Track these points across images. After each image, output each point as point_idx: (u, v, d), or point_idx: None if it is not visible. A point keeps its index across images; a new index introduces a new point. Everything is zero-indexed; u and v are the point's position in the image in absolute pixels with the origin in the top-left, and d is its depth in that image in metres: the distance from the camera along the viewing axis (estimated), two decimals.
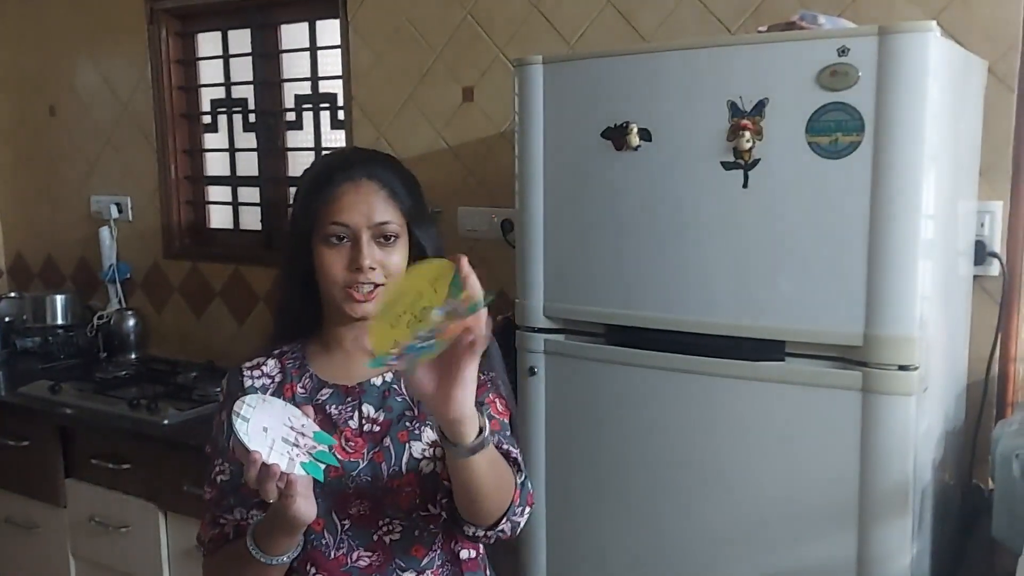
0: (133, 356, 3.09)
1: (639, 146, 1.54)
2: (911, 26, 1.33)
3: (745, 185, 1.45)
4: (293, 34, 2.88)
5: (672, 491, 1.58)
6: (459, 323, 0.95)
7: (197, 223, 3.16)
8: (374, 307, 1.16)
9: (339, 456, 1.17)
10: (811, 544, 1.46)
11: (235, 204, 3.08)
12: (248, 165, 3.03)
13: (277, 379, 1.27)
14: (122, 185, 3.20)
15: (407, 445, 1.22)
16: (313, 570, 1.21)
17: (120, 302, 3.20)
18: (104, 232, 3.18)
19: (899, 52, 1.32)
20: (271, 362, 1.29)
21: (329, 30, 2.74)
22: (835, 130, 1.38)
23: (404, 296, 1.00)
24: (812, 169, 1.40)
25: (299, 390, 1.26)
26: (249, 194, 3.03)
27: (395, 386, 1.25)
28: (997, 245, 1.78)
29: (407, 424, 1.23)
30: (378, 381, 1.26)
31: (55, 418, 2.56)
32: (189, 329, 3.11)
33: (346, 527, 1.21)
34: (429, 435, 1.22)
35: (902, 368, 1.37)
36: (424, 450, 1.22)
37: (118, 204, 3.19)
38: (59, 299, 3.26)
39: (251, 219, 3.05)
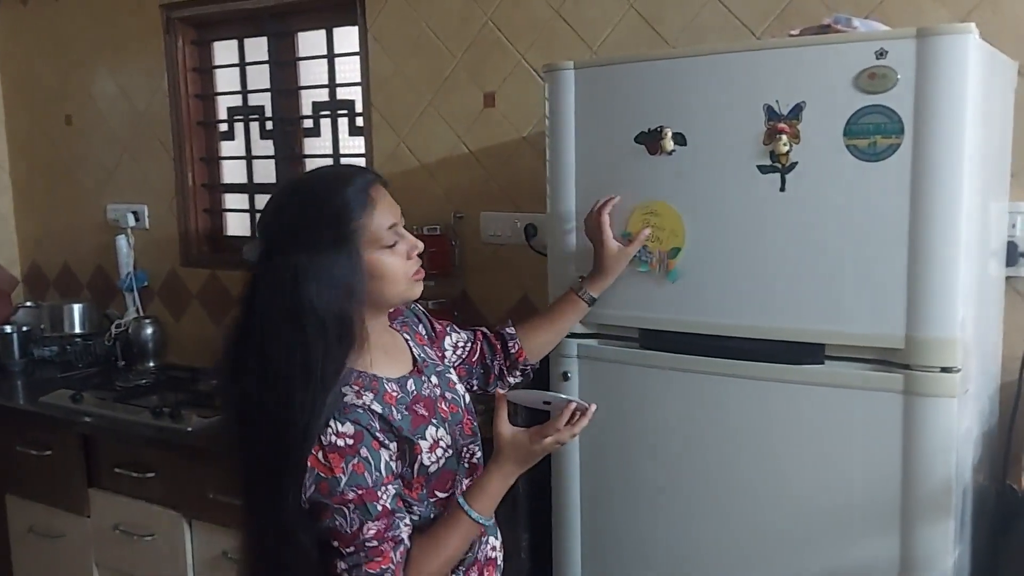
0: (152, 364, 3.09)
1: (673, 150, 1.55)
2: (950, 28, 1.33)
3: (782, 188, 1.46)
4: (310, 41, 2.88)
5: (710, 494, 1.58)
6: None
7: (214, 231, 3.16)
8: None
9: (454, 421, 1.37)
10: (853, 546, 1.46)
11: (252, 211, 3.08)
12: (265, 173, 3.03)
13: (371, 396, 1.26)
14: (139, 193, 3.20)
15: (457, 388, 1.43)
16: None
17: (138, 310, 3.20)
18: (121, 240, 3.18)
19: (938, 54, 1.33)
20: (355, 387, 1.26)
21: (346, 37, 2.75)
22: (874, 133, 1.38)
23: (664, 217, 1.57)
24: (850, 172, 1.40)
25: (394, 393, 1.30)
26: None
27: (422, 354, 1.42)
28: None
29: (446, 375, 1.43)
30: (416, 356, 1.41)
31: (78, 427, 2.56)
32: (208, 337, 3.10)
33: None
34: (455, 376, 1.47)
35: (944, 370, 1.37)
36: (460, 387, 1.45)
37: (135, 212, 3.19)
38: (76, 308, 3.26)
39: None
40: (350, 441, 1.21)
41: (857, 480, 1.45)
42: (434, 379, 1.40)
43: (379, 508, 1.21)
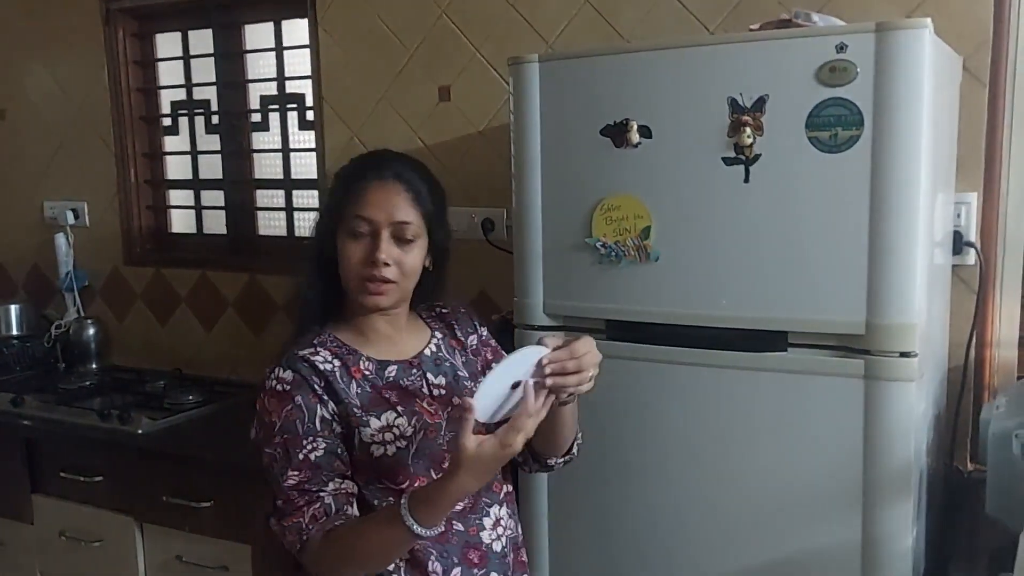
0: (94, 366, 3.00)
1: (639, 143, 1.56)
2: (907, 23, 1.37)
3: (747, 180, 1.49)
4: (258, 34, 2.83)
5: (677, 482, 1.61)
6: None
7: (159, 228, 3.08)
8: (387, 301, 1.32)
9: (428, 420, 1.32)
10: (817, 528, 1.50)
11: (198, 208, 3.01)
12: (211, 168, 2.96)
13: (338, 363, 1.31)
14: (78, 190, 3.10)
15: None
16: None
17: (78, 311, 3.10)
18: (60, 239, 3.08)
19: (896, 48, 1.37)
20: (321, 350, 1.32)
21: (295, 29, 2.71)
22: (835, 125, 1.42)
23: (623, 208, 1.55)
24: (812, 163, 1.43)
25: (365, 371, 1.32)
26: (213, 197, 2.97)
27: (441, 353, 1.41)
28: (973, 235, 1.85)
29: (464, 383, 1.40)
30: (428, 351, 1.40)
31: (19, 431, 2.48)
32: (153, 337, 3.03)
33: None
34: None
35: (903, 355, 1.41)
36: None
37: (74, 210, 3.09)
38: (12, 309, 3.15)
39: (215, 223, 2.98)
40: (288, 387, 1.27)
41: (821, 464, 1.49)
42: (431, 376, 1.38)
43: (300, 457, 1.24)
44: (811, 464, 1.50)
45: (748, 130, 1.47)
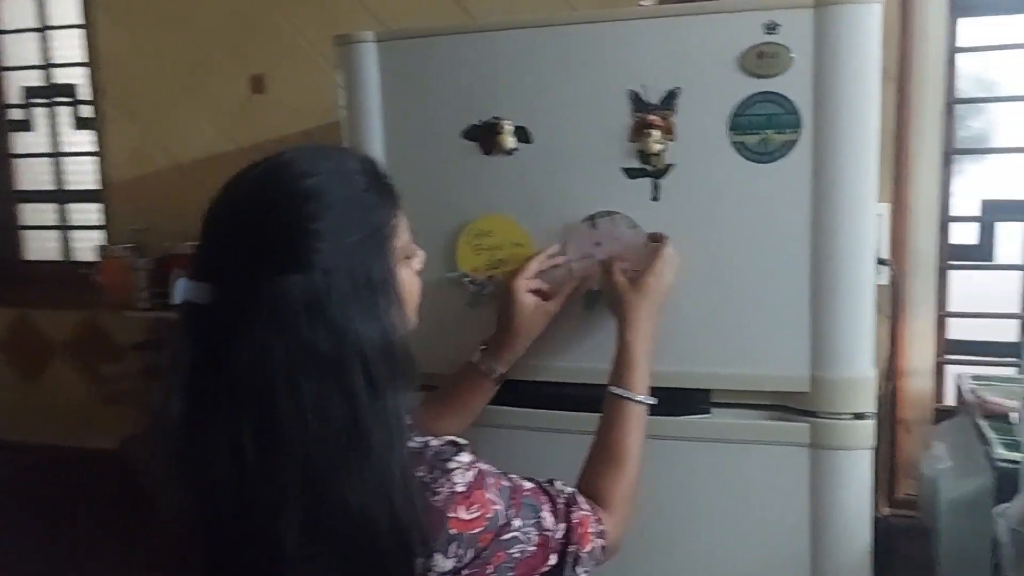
0: None
1: (515, 149, 1.20)
2: None
3: (655, 197, 1.15)
4: (15, 10, 2.26)
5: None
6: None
7: None
8: None
9: None
10: None
11: None
12: None
13: None
14: None
15: None
16: None
17: None
18: None
19: (839, 28, 1.07)
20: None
21: (63, 5, 2.17)
22: (765, 126, 1.11)
23: (497, 233, 1.22)
24: (739, 176, 1.12)
25: None
26: None
27: None
28: (885, 251, 1.61)
29: None
30: None
31: None
32: None
33: None
34: None
35: (857, 416, 1.12)
36: None
37: None
38: None
39: None
40: (473, 465, 0.82)
41: (758, 549, 1.18)
42: None
43: (526, 485, 0.88)
44: (746, 551, 1.19)
45: (656, 133, 1.13)
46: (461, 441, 0.85)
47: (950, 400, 1.67)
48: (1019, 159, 1.73)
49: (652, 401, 1.04)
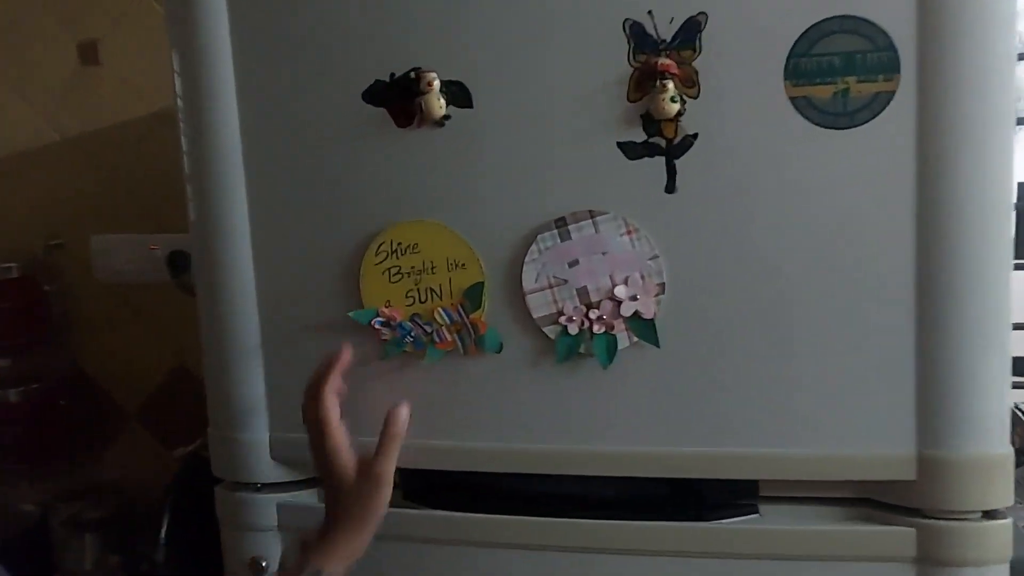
0: None
1: (447, 118, 0.77)
2: None
3: (671, 188, 0.74)
4: None
5: None
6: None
7: None
8: None
9: None
10: None
11: None
12: None
13: None
14: None
15: None
16: None
17: None
18: None
19: None
20: None
21: None
22: (844, 72, 0.71)
23: (424, 248, 0.79)
24: (803, 151, 0.72)
25: None
26: None
27: None
28: None
29: None
30: None
31: None
32: None
33: None
34: None
35: (988, 515, 0.74)
36: None
37: None
38: None
39: None
40: None
41: None
42: None
43: None
44: None
45: (670, 87, 0.72)
46: None
47: None
48: None
49: None
